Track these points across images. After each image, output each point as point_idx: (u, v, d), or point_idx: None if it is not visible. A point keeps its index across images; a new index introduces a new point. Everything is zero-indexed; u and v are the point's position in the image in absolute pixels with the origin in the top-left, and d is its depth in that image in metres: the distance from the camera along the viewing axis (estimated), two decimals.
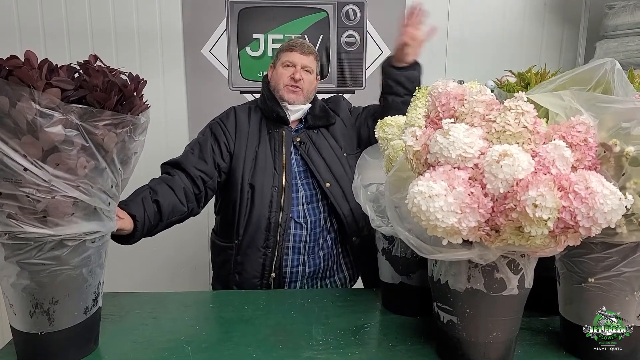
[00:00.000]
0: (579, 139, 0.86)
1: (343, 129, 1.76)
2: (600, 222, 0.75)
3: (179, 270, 2.67)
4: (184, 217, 1.53)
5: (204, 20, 2.49)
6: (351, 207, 1.66)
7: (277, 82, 1.69)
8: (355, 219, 1.66)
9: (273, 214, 1.61)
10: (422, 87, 1.23)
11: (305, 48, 1.70)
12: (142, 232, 1.34)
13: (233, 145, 1.66)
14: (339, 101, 1.84)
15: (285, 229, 1.61)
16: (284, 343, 1.09)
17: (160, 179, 1.52)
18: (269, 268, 1.62)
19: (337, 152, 1.71)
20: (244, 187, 1.63)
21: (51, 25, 2.43)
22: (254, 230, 1.61)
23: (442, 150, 0.84)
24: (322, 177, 1.65)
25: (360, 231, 1.68)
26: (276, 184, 1.63)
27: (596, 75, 1.01)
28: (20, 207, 0.84)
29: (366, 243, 1.67)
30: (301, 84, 1.67)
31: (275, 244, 1.61)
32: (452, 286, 0.96)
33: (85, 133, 0.85)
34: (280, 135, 1.68)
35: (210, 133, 1.68)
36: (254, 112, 1.74)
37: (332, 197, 1.64)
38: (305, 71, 1.69)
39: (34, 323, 0.95)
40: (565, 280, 1.03)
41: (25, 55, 0.82)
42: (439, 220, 0.79)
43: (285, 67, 1.68)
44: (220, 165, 1.63)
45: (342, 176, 1.68)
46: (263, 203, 1.61)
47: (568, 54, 2.67)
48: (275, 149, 1.67)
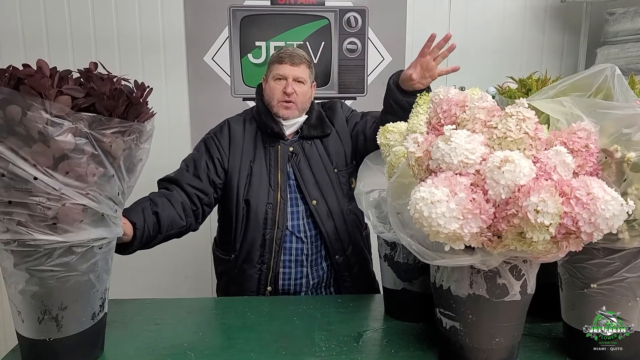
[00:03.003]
0: (580, 145, 0.86)
1: (337, 142, 1.71)
2: (602, 228, 0.76)
3: (181, 277, 2.68)
4: (182, 231, 1.53)
5: (206, 27, 2.51)
6: (336, 226, 1.64)
7: (270, 98, 1.65)
8: (339, 238, 1.65)
9: (268, 230, 1.60)
10: (424, 94, 1.24)
11: (295, 59, 1.63)
12: (141, 240, 1.33)
13: (227, 161, 1.64)
14: (336, 108, 1.78)
15: (280, 245, 1.60)
16: (286, 349, 1.09)
17: (160, 192, 1.53)
18: (264, 282, 1.62)
19: (328, 168, 1.68)
20: (239, 203, 1.62)
21: (54, 32, 2.45)
22: (249, 246, 1.61)
23: (444, 156, 0.84)
24: (310, 193, 1.64)
25: (344, 250, 1.66)
26: (271, 201, 1.61)
27: (597, 81, 1.01)
28: (30, 215, 0.85)
29: (349, 261, 1.67)
30: (294, 97, 1.62)
31: (270, 260, 1.60)
32: (454, 292, 0.96)
33: (94, 141, 0.86)
34: (275, 150, 1.65)
35: (204, 149, 1.66)
36: (248, 123, 1.71)
37: (317, 216, 1.63)
38: (297, 82, 1.63)
39: (43, 329, 0.95)
40: (567, 286, 1.04)
41: (37, 64, 0.83)
42: (441, 226, 0.80)
43: (276, 81, 1.64)
44: (215, 181, 1.62)
45: (329, 193, 1.65)
46: (258, 220, 1.60)
47: (569, 60, 2.68)
48: (270, 164, 1.65)
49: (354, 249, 1.69)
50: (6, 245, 0.88)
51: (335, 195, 1.66)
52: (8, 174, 0.82)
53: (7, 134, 0.81)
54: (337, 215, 1.65)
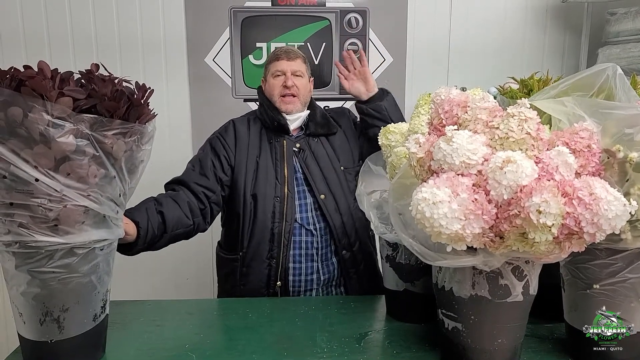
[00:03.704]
0: (583, 145, 0.86)
1: (344, 141, 1.75)
2: (604, 228, 0.75)
3: (182, 279, 2.68)
4: (189, 231, 1.53)
5: (207, 29, 2.52)
6: (343, 221, 1.65)
7: (271, 94, 1.69)
8: (346, 234, 1.65)
9: (276, 224, 1.61)
10: (425, 94, 1.24)
11: (290, 54, 1.70)
12: (145, 240, 1.33)
13: (234, 158, 1.66)
14: (344, 113, 1.85)
15: (288, 239, 1.61)
16: (288, 350, 1.09)
17: (166, 194, 1.53)
18: (274, 278, 1.61)
19: (335, 164, 1.70)
20: (246, 198, 1.63)
21: (56, 33, 2.45)
22: (258, 242, 1.61)
23: (446, 156, 0.84)
24: (318, 187, 1.65)
25: (351, 246, 1.67)
26: (278, 194, 1.62)
27: (598, 81, 1.01)
28: (31, 217, 0.85)
29: (356, 258, 1.67)
30: (295, 90, 1.67)
31: (279, 254, 1.60)
32: (456, 293, 0.96)
33: (96, 142, 0.86)
34: (281, 145, 1.68)
35: (210, 148, 1.68)
36: (253, 123, 1.74)
37: (325, 209, 1.64)
38: (296, 76, 1.68)
39: (44, 331, 0.95)
40: (569, 286, 1.03)
41: (39, 66, 0.83)
42: (443, 226, 0.79)
43: (275, 77, 1.69)
44: (222, 179, 1.63)
45: (337, 189, 1.67)
46: (266, 214, 1.61)
47: (570, 60, 2.68)
48: (276, 158, 1.67)
49: (361, 245, 1.69)
50: (8, 246, 0.88)
51: (342, 192, 1.67)
52: (9, 176, 0.82)
53: (9, 136, 0.81)
54: (345, 211, 1.65)
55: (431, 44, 2.63)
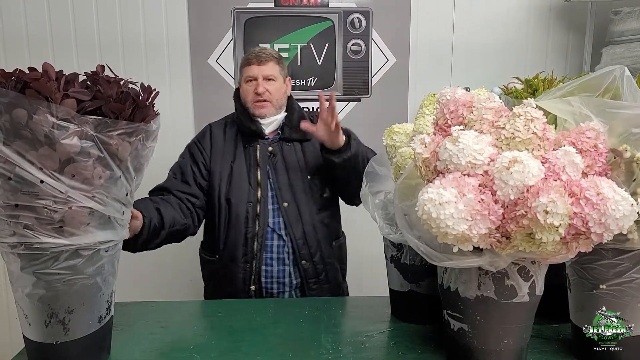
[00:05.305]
0: (589, 145, 0.86)
1: (316, 149, 1.69)
2: (612, 228, 0.75)
3: (186, 280, 2.67)
4: (183, 230, 1.55)
5: (210, 30, 2.52)
6: (304, 231, 1.65)
7: (245, 100, 1.70)
8: (306, 243, 1.65)
9: (249, 229, 1.62)
10: (430, 95, 1.23)
11: (261, 57, 1.67)
12: (149, 231, 1.36)
13: (209, 163, 1.68)
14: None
15: (261, 243, 1.62)
16: (293, 352, 1.09)
17: (155, 197, 1.56)
18: (248, 281, 1.63)
19: (303, 172, 1.69)
20: (221, 202, 1.64)
21: (59, 35, 2.46)
22: (233, 245, 1.63)
23: (452, 157, 0.84)
24: (282, 195, 1.65)
25: (311, 256, 1.66)
26: (251, 199, 1.63)
27: (605, 82, 1.00)
28: (37, 218, 0.85)
29: (316, 268, 1.67)
30: (267, 95, 1.66)
31: (252, 258, 1.62)
32: (462, 294, 0.96)
33: (100, 143, 0.86)
34: (254, 150, 1.68)
35: (189, 155, 1.70)
36: (229, 126, 1.75)
37: (287, 217, 1.64)
38: (268, 80, 1.67)
39: (49, 333, 0.95)
40: (576, 287, 1.03)
41: (43, 67, 0.83)
42: (449, 227, 0.79)
43: (248, 83, 1.68)
44: (202, 184, 1.66)
45: (301, 197, 1.66)
46: (239, 218, 1.63)
47: (574, 60, 2.67)
48: (250, 163, 1.67)
49: (322, 257, 1.69)
50: (13, 248, 0.88)
51: (307, 201, 1.67)
52: (14, 178, 0.82)
53: (14, 138, 0.81)
54: (307, 220, 1.66)
55: (434, 44, 2.62)
